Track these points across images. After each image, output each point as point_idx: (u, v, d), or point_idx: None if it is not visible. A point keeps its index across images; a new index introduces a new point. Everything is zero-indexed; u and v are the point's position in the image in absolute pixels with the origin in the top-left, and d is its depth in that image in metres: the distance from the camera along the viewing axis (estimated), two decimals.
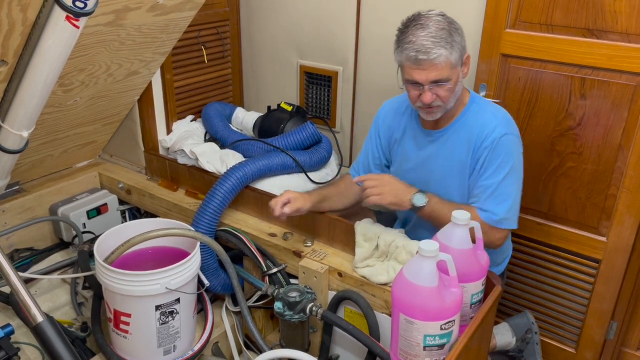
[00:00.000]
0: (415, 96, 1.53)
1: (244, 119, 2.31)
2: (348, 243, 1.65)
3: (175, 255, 1.62)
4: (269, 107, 2.29)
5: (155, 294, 1.48)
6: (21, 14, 1.25)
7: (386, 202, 1.53)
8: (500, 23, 1.83)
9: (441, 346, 1.22)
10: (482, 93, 1.92)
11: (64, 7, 1.23)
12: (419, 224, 1.70)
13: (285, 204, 1.59)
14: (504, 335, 1.94)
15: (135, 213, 2.24)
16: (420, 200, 1.52)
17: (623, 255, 1.83)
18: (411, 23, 1.49)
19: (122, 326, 1.54)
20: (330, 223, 1.70)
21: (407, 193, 1.54)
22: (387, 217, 1.90)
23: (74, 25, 1.28)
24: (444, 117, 1.60)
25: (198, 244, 1.59)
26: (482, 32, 1.88)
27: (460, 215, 1.30)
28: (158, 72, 2.08)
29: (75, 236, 2.01)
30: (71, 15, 1.25)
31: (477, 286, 1.35)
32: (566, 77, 1.77)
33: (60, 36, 1.30)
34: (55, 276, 1.93)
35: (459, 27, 1.50)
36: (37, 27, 1.29)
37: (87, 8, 1.27)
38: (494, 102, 1.89)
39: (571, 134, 1.82)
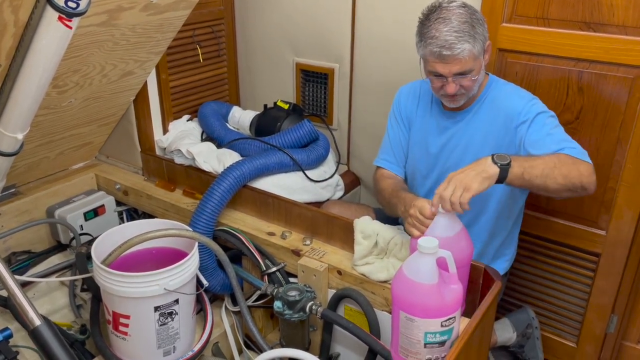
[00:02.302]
0: (439, 87, 1.56)
1: (241, 117, 2.30)
2: (347, 241, 1.64)
3: (173, 256, 1.61)
4: (265, 106, 2.28)
5: (153, 295, 1.47)
6: (13, 15, 1.23)
7: (479, 189, 1.28)
8: (496, 17, 1.82)
9: (442, 343, 1.21)
10: None
11: (56, 8, 1.22)
12: None
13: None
14: (504, 331, 1.94)
15: (133, 214, 2.23)
16: (502, 159, 1.31)
17: (623, 249, 1.82)
18: (433, 16, 1.50)
19: (121, 328, 1.53)
20: (328, 221, 1.69)
21: (487, 164, 1.31)
22: (385, 215, 1.90)
23: (67, 25, 1.27)
24: (470, 97, 1.63)
25: (196, 244, 1.59)
26: None
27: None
28: (153, 72, 2.06)
29: (73, 238, 2.00)
30: (64, 16, 1.24)
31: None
32: (563, 71, 1.76)
33: (53, 37, 1.29)
34: (53, 279, 1.93)
35: (480, 17, 1.51)
36: (29, 28, 1.28)
37: (80, 8, 1.26)
38: None
39: (569, 127, 1.81)
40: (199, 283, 1.66)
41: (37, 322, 1.17)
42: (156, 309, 1.50)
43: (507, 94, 1.63)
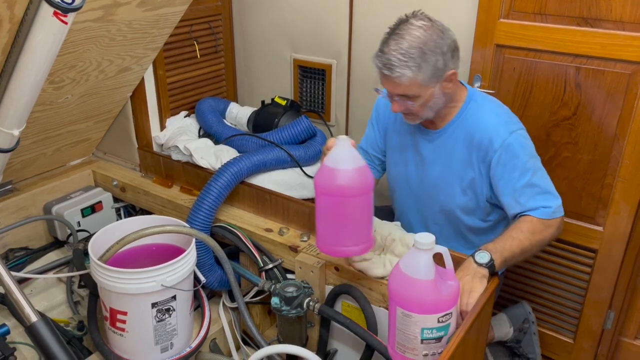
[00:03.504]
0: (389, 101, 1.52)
1: (238, 114, 2.29)
2: None
3: (170, 252, 1.61)
4: (262, 102, 2.28)
5: (151, 292, 1.47)
6: (8, 10, 1.23)
7: (482, 288, 1.32)
8: (494, 13, 1.82)
9: (439, 339, 1.21)
10: (477, 84, 1.92)
11: (51, 3, 1.22)
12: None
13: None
14: (501, 326, 1.94)
15: (130, 210, 2.23)
16: (491, 268, 1.35)
17: (620, 245, 1.83)
18: (395, 29, 1.43)
19: (118, 324, 1.53)
20: None
21: (477, 273, 1.34)
22: (382, 211, 1.90)
23: (62, 21, 1.26)
24: (439, 117, 1.56)
25: (194, 240, 1.58)
26: (476, 23, 1.87)
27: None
28: (150, 68, 2.06)
29: (70, 235, 2.00)
30: (59, 11, 1.24)
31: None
32: (561, 67, 1.76)
33: (48, 33, 1.28)
34: (50, 275, 1.92)
35: (442, 43, 1.41)
36: (24, 24, 1.28)
37: (75, 3, 1.25)
38: (488, 92, 1.88)
39: (566, 123, 1.81)
40: (196, 279, 1.66)
41: (34, 318, 1.17)
42: (153, 305, 1.50)
43: (482, 120, 1.51)
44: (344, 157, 1.34)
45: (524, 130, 1.54)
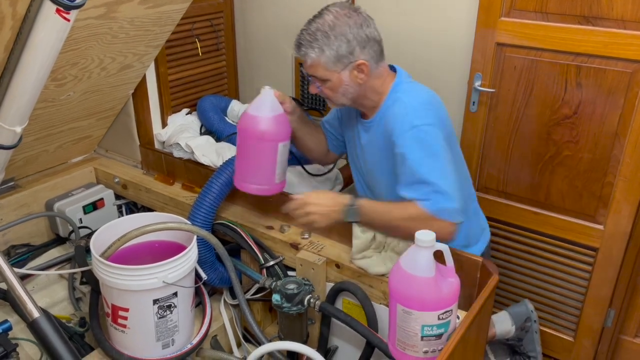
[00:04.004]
0: None
1: (240, 111, 2.29)
2: (345, 234, 1.65)
3: (172, 249, 1.62)
4: None
5: (152, 288, 1.47)
6: (10, 7, 1.23)
7: (323, 225, 1.48)
8: (494, 12, 1.82)
9: (439, 336, 1.22)
10: (477, 83, 1.92)
11: (54, 1, 1.22)
12: None
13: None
14: (503, 324, 1.95)
15: (132, 208, 2.24)
16: (352, 216, 1.46)
17: (620, 243, 1.83)
18: (317, 13, 1.49)
19: (120, 321, 1.53)
20: None
21: (337, 211, 1.46)
22: None
23: (65, 18, 1.27)
24: (369, 107, 1.58)
25: (195, 237, 1.59)
26: (476, 21, 1.87)
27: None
28: (152, 65, 2.06)
29: (72, 231, 2.00)
30: (61, 8, 1.24)
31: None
32: (562, 66, 1.76)
33: (51, 30, 1.29)
34: (52, 272, 1.93)
35: (351, 32, 1.44)
36: (27, 21, 1.28)
37: (78, 1, 1.25)
38: (488, 90, 1.89)
39: (567, 122, 1.81)
40: (197, 276, 1.66)
41: (36, 314, 1.18)
42: (155, 301, 1.50)
43: (393, 111, 1.50)
44: (259, 105, 1.54)
45: (431, 126, 1.44)
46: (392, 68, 1.59)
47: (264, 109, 1.54)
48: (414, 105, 1.48)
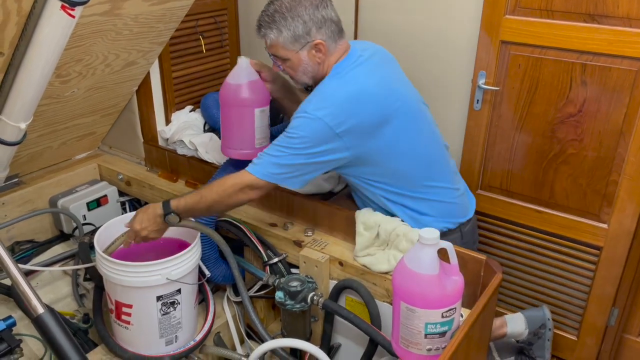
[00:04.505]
0: None
1: None
2: (349, 232, 1.65)
3: (175, 246, 1.62)
4: None
5: (156, 285, 1.48)
6: (16, 4, 1.23)
7: (150, 237, 1.55)
8: (499, 9, 1.81)
9: (442, 334, 1.22)
10: (481, 81, 1.91)
11: None
12: None
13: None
14: (516, 325, 1.91)
15: (136, 204, 2.24)
16: (173, 220, 1.53)
17: (624, 242, 1.82)
18: None
19: (123, 317, 1.54)
20: (330, 212, 1.70)
21: (159, 222, 1.53)
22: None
23: (70, 14, 1.27)
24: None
25: (198, 234, 1.59)
26: (481, 19, 1.86)
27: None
28: (156, 62, 2.06)
29: (76, 228, 2.01)
30: (66, 5, 1.24)
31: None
32: (567, 64, 1.76)
33: (56, 26, 1.29)
34: (56, 268, 1.94)
35: (307, 13, 1.49)
36: (32, 17, 1.28)
37: None
38: (492, 89, 1.88)
39: (572, 120, 1.81)
40: (201, 273, 1.66)
41: (41, 310, 1.17)
42: (158, 298, 1.51)
43: (314, 91, 1.53)
44: (234, 74, 1.67)
45: (316, 120, 1.44)
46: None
47: (238, 77, 1.66)
48: (327, 93, 1.49)
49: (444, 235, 1.58)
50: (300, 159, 1.47)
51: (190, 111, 2.29)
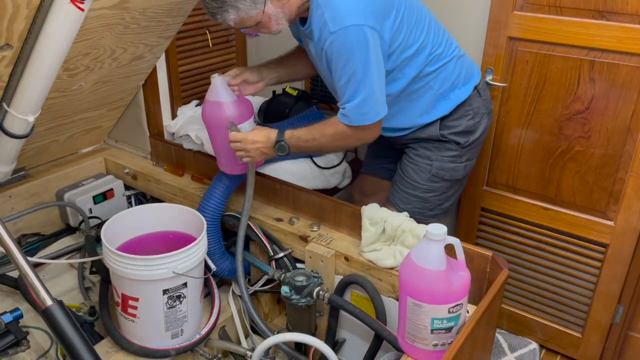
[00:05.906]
0: None
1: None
2: (354, 227, 1.65)
3: (182, 240, 1.62)
4: (274, 92, 2.28)
5: (162, 278, 1.48)
6: None
7: (259, 160, 1.63)
8: (507, 5, 1.81)
9: (449, 329, 1.22)
10: (489, 77, 1.91)
11: None
12: None
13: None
14: None
15: (141, 198, 2.25)
16: (281, 150, 1.57)
17: (631, 240, 1.82)
18: None
19: (130, 310, 1.54)
20: (336, 207, 1.70)
21: (270, 148, 1.58)
22: None
23: (79, 8, 1.27)
24: (301, 13, 1.54)
25: (205, 228, 1.60)
26: (489, 15, 1.86)
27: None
28: (163, 56, 2.06)
29: (82, 221, 2.02)
30: None
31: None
32: (575, 60, 1.75)
33: (65, 19, 1.29)
34: (62, 261, 1.94)
35: None
36: (41, 10, 1.28)
37: None
38: (499, 85, 1.87)
39: (579, 117, 1.80)
40: (206, 267, 1.67)
41: (49, 302, 1.18)
42: (165, 292, 1.51)
43: (318, 16, 1.46)
44: (211, 94, 1.65)
45: (360, 27, 1.40)
46: None
47: (216, 96, 1.64)
48: (333, 6, 1.43)
49: (469, 98, 1.68)
50: (370, 73, 1.44)
51: (197, 105, 2.29)
